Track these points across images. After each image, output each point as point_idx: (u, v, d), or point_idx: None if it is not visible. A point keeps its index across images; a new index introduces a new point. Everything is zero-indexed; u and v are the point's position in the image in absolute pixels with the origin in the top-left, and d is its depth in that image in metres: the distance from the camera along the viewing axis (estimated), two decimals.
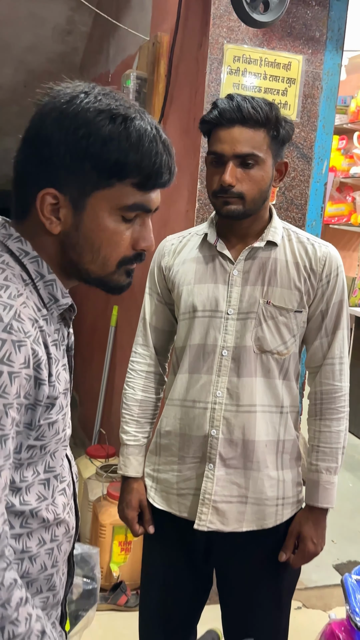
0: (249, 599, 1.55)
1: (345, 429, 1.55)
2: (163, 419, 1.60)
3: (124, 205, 0.94)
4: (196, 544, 1.55)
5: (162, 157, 0.93)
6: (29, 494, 0.97)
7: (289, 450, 1.54)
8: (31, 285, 0.95)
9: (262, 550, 1.54)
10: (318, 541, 1.53)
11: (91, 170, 0.92)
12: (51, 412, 0.96)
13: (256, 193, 1.43)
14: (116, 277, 1.00)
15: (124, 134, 0.90)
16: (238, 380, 1.48)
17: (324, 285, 1.50)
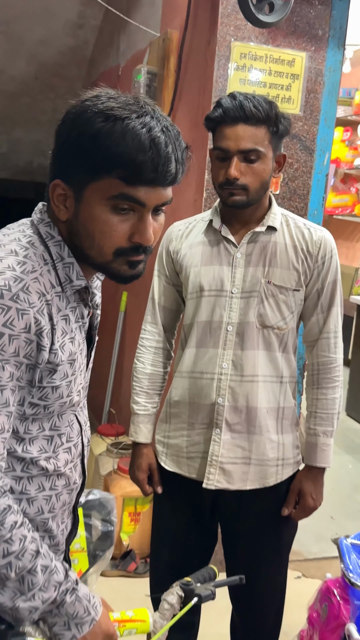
0: (252, 551, 1.71)
1: (340, 397, 1.70)
2: (172, 390, 1.75)
3: (111, 195, 0.99)
4: (203, 502, 1.71)
5: (146, 154, 0.96)
6: (32, 445, 1.08)
7: (288, 417, 1.69)
8: (51, 265, 1.05)
9: (264, 506, 1.69)
10: (317, 497, 1.69)
11: (85, 165, 0.99)
12: (54, 377, 1.05)
13: (258, 184, 1.57)
14: (115, 266, 1.06)
15: (111, 131, 0.96)
16: (242, 353, 1.63)
17: (320, 266, 1.64)
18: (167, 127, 1.00)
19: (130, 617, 1.13)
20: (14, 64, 4.57)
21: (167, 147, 0.98)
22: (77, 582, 1.06)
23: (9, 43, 4.41)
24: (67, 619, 1.03)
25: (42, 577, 1.00)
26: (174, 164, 0.99)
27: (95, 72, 4.56)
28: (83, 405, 1.22)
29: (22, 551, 0.98)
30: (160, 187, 1.01)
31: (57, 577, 1.01)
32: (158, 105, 2.99)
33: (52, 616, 1.02)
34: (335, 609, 1.83)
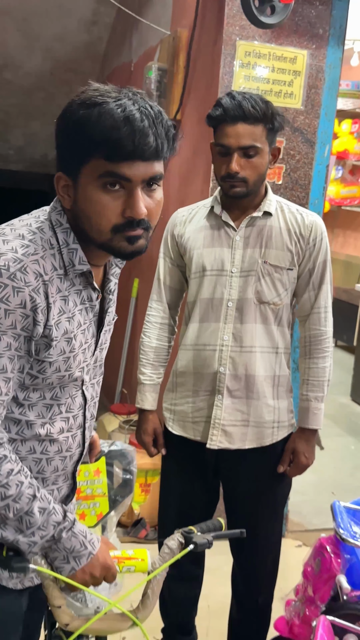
0: (250, 505, 1.89)
1: (329, 366, 1.87)
2: (178, 362, 1.93)
3: (98, 174, 1.06)
4: (207, 461, 1.89)
5: (120, 131, 1.02)
6: (31, 411, 1.17)
7: (283, 384, 1.86)
8: (57, 249, 1.13)
9: (261, 464, 1.87)
10: (309, 455, 1.86)
11: (74, 152, 1.07)
12: (50, 353, 1.12)
13: (257, 177, 1.74)
14: (115, 243, 1.11)
15: (89, 115, 1.03)
16: (241, 326, 1.80)
17: (311, 248, 1.81)
18: (146, 106, 1.05)
19: (129, 555, 1.21)
20: (30, 59, 4.75)
21: (143, 122, 1.03)
22: (75, 521, 1.16)
23: (25, 39, 4.59)
24: (65, 554, 1.14)
25: (40, 517, 1.11)
26: (152, 138, 1.04)
27: (109, 68, 4.73)
28: (96, 383, 1.32)
29: (18, 495, 1.09)
30: (142, 161, 1.06)
31: (56, 517, 1.13)
32: (168, 100, 3.15)
33: (52, 551, 1.14)
34: (328, 562, 2.00)
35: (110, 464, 1.66)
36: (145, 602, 1.20)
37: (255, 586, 1.99)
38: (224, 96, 1.72)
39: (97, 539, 1.18)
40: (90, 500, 1.66)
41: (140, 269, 3.78)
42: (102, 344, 1.29)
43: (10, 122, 5.19)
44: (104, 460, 1.65)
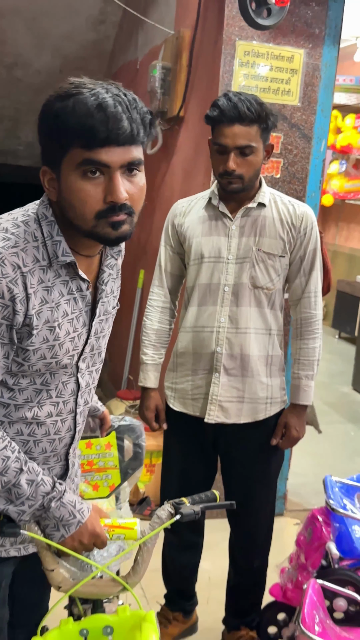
0: (246, 476, 2.03)
1: (319, 347, 2.01)
2: (178, 343, 2.07)
3: (77, 163, 1.08)
4: (205, 435, 2.03)
5: (94, 118, 1.04)
6: (20, 395, 1.22)
7: (276, 363, 2.00)
8: (41, 242, 1.16)
9: (256, 437, 2.01)
10: (299, 429, 2.00)
11: (54, 144, 1.10)
12: (32, 341, 1.16)
13: (252, 173, 1.87)
14: (100, 230, 1.13)
15: (65, 106, 1.06)
16: (237, 309, 1.93)
17: (302, 237, 1.94)
18: (119, 94, 1.08)
19: (120, 524, 1.26)
20: (39, 58, 4.88)
21: (116, 107, 1.05)
22: (64, 492, 1.22)
23: (35, 38, 4.72)
24: (55, 522, 1.20)
25: (29, 489, 1.17)
26: (126, 123, 1.06)
27: (115, 65, 4.86)
28: (95, 370, 1.35)
29: (5, 469, 1.15)
30: (118, 146, 1.08)
31: (44, 488, 1.19)
32: (172, 97, 3.29)
33: (43, 519, 1.21)
34: (319, 531, 2.14)
35: (121, 438, 1.72)
36: (135, 569, 1.26)
37: (251, 551, 2.13)
38: (221, 97, 1.84)
39: (88, 508, 1.24)
40: (103, 473, 1.73)
41: (146, 260, 3.92)
42: (97, 332, 1.31)
43: (21, 119, 5.32)
44: (115, 434, 1.72)
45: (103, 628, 1.22)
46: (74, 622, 1.24)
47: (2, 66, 4.95)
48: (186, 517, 1.24)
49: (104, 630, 1.22)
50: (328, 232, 8.39)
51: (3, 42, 4.72)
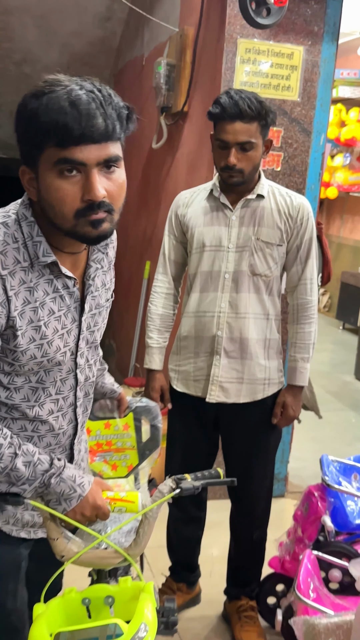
0: (246, 451, 2.14)
1: (314, 331, 2.12)
2: (181, 328, 2.18)
3: (53, 162, 1.07)
4: (207, 415, 2.14)
5: (67, 116, 1.02)
6: (17, 394, 1.24)
7: (273, 347, 2.11)
8: (21, 243, 1.15)
9: (254, 416, 2.13)
10: (296, 408, 2.12)
11: (30, 144, 1.08)
12: (20, 342, 1.17)
13: (252, 167, 1.97)
14: (80, 229, 1.12)
15: (39, 106, 1.04)
16: (237, 295, 2.05)
17: (298, 227, 2.05)
18: (94, 90, 1.05)
19: (122, 497, 1.28)
20: (48, 54, 4.99)
21: (89, 104, 1.03)
22: (63, 467, 1.23)
23: (43, 35, 4.83)
24: (57, 497, 1.23)
25: (27, 470, 1.19)
26: (101, 119, 1.04)
27: (122, 62, 4.96)
28: (93, 363, 1.36)
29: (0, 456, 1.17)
30: (93, 144, 1.06)
31: (42, 467, 1.20)
32: (176, 93, 3.39)
33: (45, 495, 1.24)
34: (314, 506, 2.26)
35: (138, 419, 1.73)
36: (137, 541, 1.28)
37: (251, 523, 2.25)
38: (223, 95, 1.94)
39: (89, 482, 1.26)
40: (121, 453, 1.74)
41: (152, 252, 4.03)
42: (90, 326, 1.31)
43: None
44: (132, 416, 1.73)
45: (105, 598, 1.24)
46: (77, 591, 1.27)
47: (11, 62, 5.06)
48: (185, 491, 1.27)
49: (106, 600, 1.24)
50: (333, 224, 8.47)
51: (12, 39, 4.83)
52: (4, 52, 4.93)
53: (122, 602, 1.23)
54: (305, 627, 1.52)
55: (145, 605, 1.19)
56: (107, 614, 1.24)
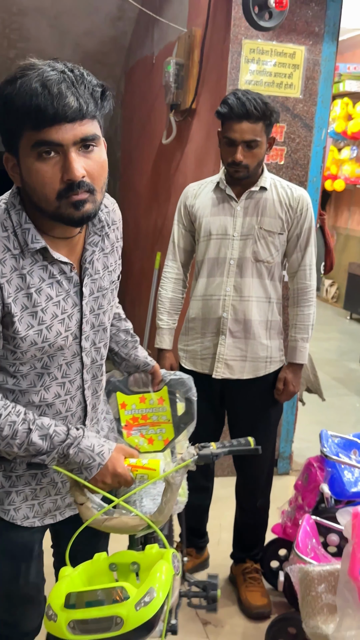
0: (250, 423, 2.32)
1: (313, 313, 2.28)
2: (190, 310, 2.36)
3: (31, 145, 1.07)
4: (214, 391, 2.32)
5: (39, 97, 1.03)
6: (24, 380, 1.26)
7: (275, 328, 2.29)
8: (11, 231, 1.17)
9: (257, 391, 2.30)
10: (295, 384, 2.29)
11: (8, 130, 1.10)
12: (18, 329, 1.19)
13: (256, 163, 2.14)
14: (63, 211, 1.12)
15: (12, 90, 1.06)
16: (241, 280, 2.22)
17: (298, 217, 2.21)
18: (65, 70, 1.06)
19: (143, 464, 1.29)
20: (62, 53, 5.16)
21: (60, 84, 1.03)
22: (80, 437, 1.24)
23: (57, 35, 5.00)
24: (77, 466, 1.26)
25: (44, 443, 1.22)
26: (73, 98, 1.04)
27: (133, 60, 5.13)
28: (102, 346, 1.38)
29: (14, 433, 1.21)
30: (67, 123, 1.06)
31: (58, 438, 1.23)
32: (185, 91, 3.58)
33: (65, 465, 1.26)
34: (314, 475, 2.44)
35: (173, 392, 1.76)
36: (160, 508, 1.30)
37: (254, 491, 2.44)
38: (230, 95, 2.09)
39: (109, 450, 1.28)
40: (157, 427, 1.75)
41: (163, 243, 4.21)
42: (93, 310, 1.32)
43: None
44: (166, 389, 1.76)
45: (131, 564, 1.26)
46: (106, 557, 1.30)
47: None
48: (202, 457, 1.30)
49: (131, 566, 1.25)
50: (340, 216, 8.59)
51: (27, 39, 5.01)
52: (19, 52, 5.11)
53: (147, 568, 1.23)
54: (301, 574, 1.70)
55: (159, 570, 1.19)
56: (133, 580, 1.26)
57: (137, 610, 1.11)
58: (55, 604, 1.15)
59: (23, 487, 1.37)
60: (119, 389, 1.74)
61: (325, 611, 1.62)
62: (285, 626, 2.10)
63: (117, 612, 1.11)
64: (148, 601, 1.12)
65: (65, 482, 1.42)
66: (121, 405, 1.74)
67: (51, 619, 1.13)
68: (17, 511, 1.37)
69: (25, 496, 1.38)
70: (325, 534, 2.32)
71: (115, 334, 1.70)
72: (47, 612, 1.14)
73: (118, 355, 1.72)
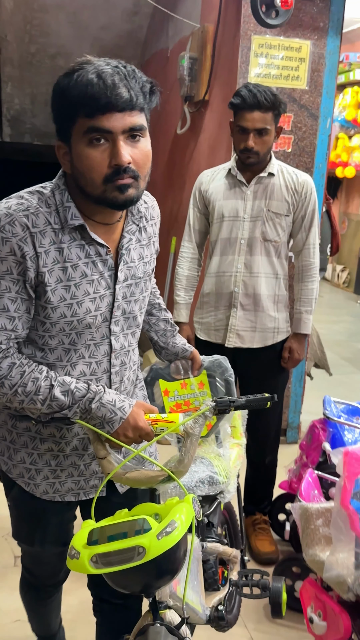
0: (259, 388, 2.49)
1: (316, 288, 2.51)
2: (204, 286, 2.59)
3: (83, 132, 1.16)
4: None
5: (94, 87, 1.12)
6: (51, 354, 1.32)
7: (282, 301, 2.52)
8: (53, 208, 1.25)
9: (265, 358, 2.54)
10: (300, 352, 2.53)
11: (63, 118, 1.19)
12: (50, 299, 1.24)
13: (266, 150, 2.36)
14: (108, 194, 1.20)
15: (69, 81, 1.15)
16: (251, 257, 2.45)
17: (303, 200, 2.44)
18: (118, 65, 1.16)
19: (163, 417, 1.32)
20: (80, 47, 5.38)
21: (114, 76, 1.13)
22: (103, 392, 1.29)
23: (76, 30, 5.23)
24: (99, 420, 1.30)
25: (66, 399, 1.27)
26: (124, 90, 1.14)
27: (148, 53, 5.34)
28: (130, 334, 1.42)
29: (37, 389, 1.26)
30: (118, 112, 1.15)
31: (79, 393, 1.28)
32: (198, 84, 3.86)
33: (88, 419, 1.31)
34: (317, 435, 2.68)
35: (211, 375, 1.78)
36: (180, 459, 1.31)
37: (263, 449, 2.68)
38: (243, 88, 2.31)
39: (130, 405, 1.32)
40: None
41: (178, 228, 4.43)
42: (126, 296, 1.38)
43: None
44: (205, 373, 1.78)
45: (153, 515, 1.26)
46: (128, 512, 1.29)
47: (47, 56, 5.47)
48: (220, 404, 1.33)
49: (153, 516, 1.25)
50: (352, 202, 8.75)
51: (47, 35, 5.24)
52: (40, 47, 5.35)
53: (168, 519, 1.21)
54: (301, 511, 1.94)
55: (180, 509, 1.19)
56: None
57: (159, 540, 1.13)
58: (77, 543, 1.17)
59: (43, 466, 1.44)
60: (162, 377, 1.79)
61: (322, 542, 1.86)
62: (290, 566, 2.35)
63: (140, 542, 1.12)
64: (169, 531, 1.14)
65: (88, 465, 1.47)
66: (164, 393, 1.78)
67: (74, 558, 1.15)
68: (37, 487, 1.45)
69: (45, 475, 1.45)
70: (327, 487, 2.56)
71: (155, 323, 1.77)
72: (69, 552, 1.16)
73: (157, 343, 1.79)
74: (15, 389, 1.26)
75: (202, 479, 1.72)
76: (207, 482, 1.75)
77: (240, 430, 2.09)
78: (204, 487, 1.72)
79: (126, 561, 1.12)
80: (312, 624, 1.84)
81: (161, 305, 1.79)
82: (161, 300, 1.81)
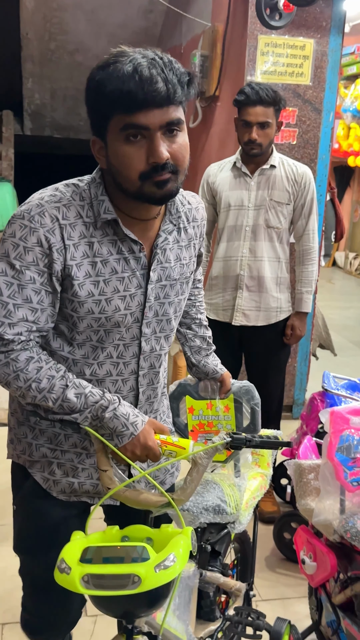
0: (264, 362, 2.79)
1: (315, 270, 2.74)
2: (212, 270, 2.83)
3: (119, 128, 1.10)
4: (233, 336, 2.80)
5: (130, 82, 1.05)
6: (79, 349, 1.28)
7: (284, 283, 2.75)
8: (87, 201, 1.21)
9: (269, 335, 2.77)
10: (302, 329, 2.76)
11: (99, 114, 1.14)
12: (77, 293, 1.20)
13: (268, 142, 2.58)
14: (146, 190, 1.15)
15: (105, 75, 1.09)
16: (255, 243, 2.69)
17: (302, 189, 2.66)
18: (155, 57, 1.09)
19: (173, 441, 1.26)
20: (97, 44, 5.61)
21: (151, 70, 1.06)
22: (116, 403, 1.23)
23: (93, 27, 5.46)
24: (110, 432, 1.24)
25: (78, 401, 1.22)
26: (162, 84, 1.07)
27: (163, 49, 5.54)
28: (163, 337, 1.36)
29: (51, 387, 1.21)
30: (156, 108, 1.09)
31: (93, 398, 1.22)
32: (209, 80, 4.15)
33: (99, 428, 1.25)
34: (316, 407, 2.91)
35: (238, 400, 1.73)
36: (184, 487, 1.24)
37: (266, 419, 2.92)
38: (246, 86, 2.53)
39: (142, 422, 1.25)
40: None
41: None
42: (158, 297, 1.32)
43: (81, 98, 5.96)
44: (232, 398, 1.73)
45: (145, 539, 1.21)
46: (119, 529, 1.24)
47: (66, 52, 5.71)
48: (235, 440, 1.29)
49: (145, 541, 1.20)
50: None
51: (66, 32, 5.48)
52: (59, 44, 5.58)
53: (160, 546, 1.16)
54: (295, 466, 2.18)
55: (179, 542, 1.14)
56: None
57: (156, 572, 1.07)
58: (69, 557, 1.10)
59: (65, 462, 1.38)
60: (189, 393, 1.75)
61: (313, 493, 2.11)
62: (288, 521, 2.60)
63: (136, 570, 1.06)
64: (168, 565, 1.08)
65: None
66: (189, 410, 1.75)
67: (63, 572, 1.09)
68: (55, 484, 1.38)
69: (65, 471, 1.38)
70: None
71: (192, 339, 1.69)
72: (59, 565, 1.10)
73: (189, 359, 1.72)
74: (30, 384, 1.22)
75: (208, 506, 1.66)
76: (213, 511, 1.68)
77: (268, 460, 2.06)
78: (209, 515, 1.66)
79: (119, 587, 1.07)
80: (304, 564, 2.09)
81: (202, 321, 1.72)
82: (204, 316, 1.74)
